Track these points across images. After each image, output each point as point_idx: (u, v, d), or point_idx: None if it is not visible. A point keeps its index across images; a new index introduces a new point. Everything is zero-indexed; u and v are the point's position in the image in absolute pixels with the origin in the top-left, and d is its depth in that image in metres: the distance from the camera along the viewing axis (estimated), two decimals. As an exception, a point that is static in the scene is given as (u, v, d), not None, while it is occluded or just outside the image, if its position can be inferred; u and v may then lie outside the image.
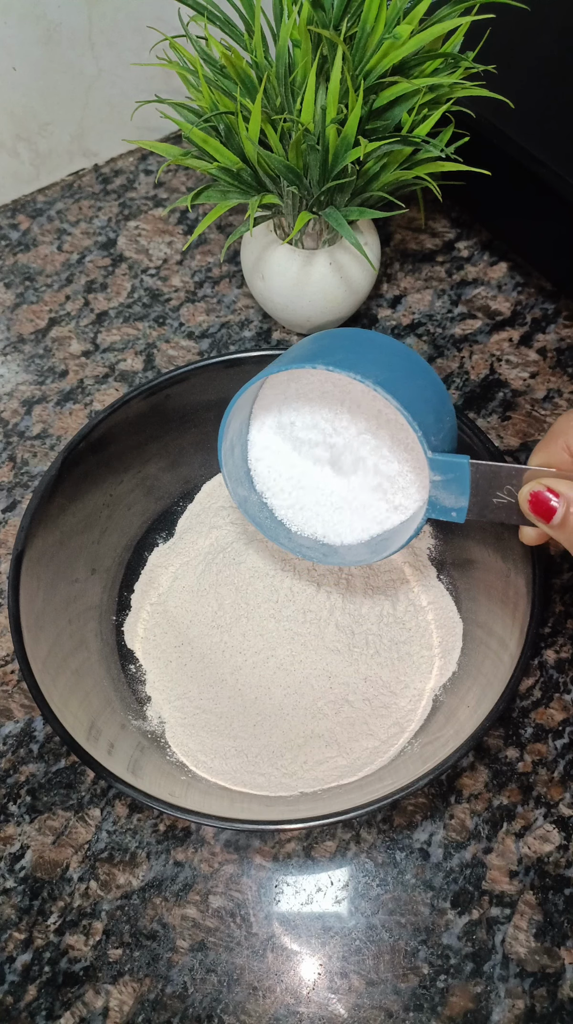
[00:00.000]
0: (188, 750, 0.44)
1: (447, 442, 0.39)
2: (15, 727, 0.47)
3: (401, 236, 0.63)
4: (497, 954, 0.41)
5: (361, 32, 0.42)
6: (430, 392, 0.39)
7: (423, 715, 0.44)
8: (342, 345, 0.39)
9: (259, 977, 0.40)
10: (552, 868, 0.42)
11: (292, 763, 0.43)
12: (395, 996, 0.40)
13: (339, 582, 0.47)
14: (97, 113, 0.65)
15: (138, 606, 0.48)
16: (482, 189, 0.54)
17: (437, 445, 0.38)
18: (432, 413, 0.38)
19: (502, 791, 0.44)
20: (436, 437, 0.38)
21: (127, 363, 0.59)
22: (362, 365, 0.37)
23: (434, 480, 0.37)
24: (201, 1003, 0.40)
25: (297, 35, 0.42)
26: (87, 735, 0.39)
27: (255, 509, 0.44)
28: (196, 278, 0.62)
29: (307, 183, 0.45)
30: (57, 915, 0.42)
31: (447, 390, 0.41)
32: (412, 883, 0.42)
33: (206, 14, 0.45)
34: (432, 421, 0.38)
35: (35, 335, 0.60)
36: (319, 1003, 0.40)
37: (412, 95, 0.43)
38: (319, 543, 0.44)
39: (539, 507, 0.32)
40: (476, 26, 0.47)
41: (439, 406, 0.39)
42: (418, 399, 0.37)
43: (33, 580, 0.43)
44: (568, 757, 0.45)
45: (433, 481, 0.37)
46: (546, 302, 0.60)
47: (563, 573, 0.50)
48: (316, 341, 0.41)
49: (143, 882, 0.43)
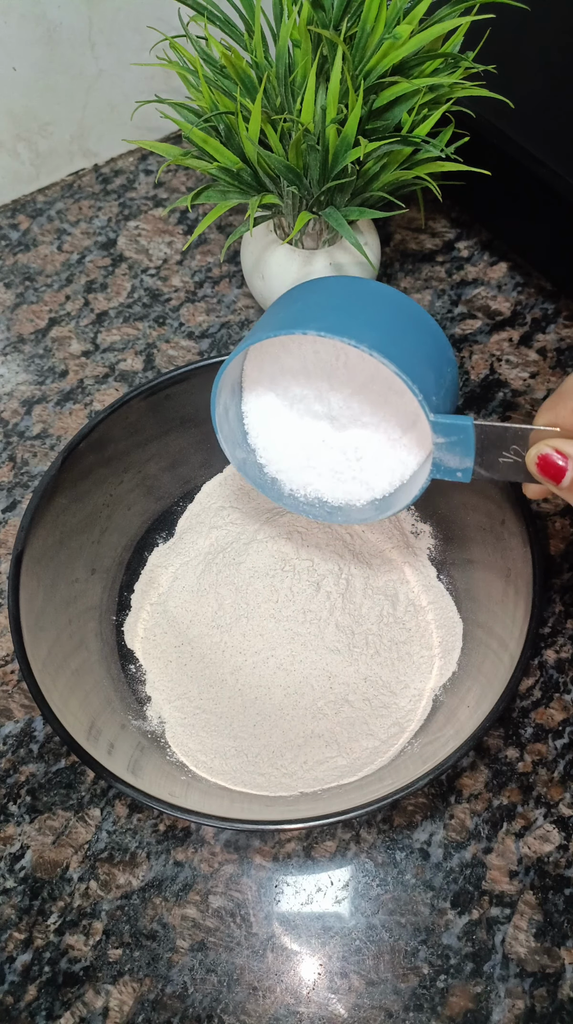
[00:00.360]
0: (188, 750, 0.44)
1: (449, 397, 0.37)
2: (15, 727, 0.47)
3: (401, 236, 0.63)
4: (497, 954, 0.41)
5: (361, 32, 0.42)
6: (429, 345, 0.37)
7: (423, 715, 0.44)
8: (332, 303, 0.37)
9: (259, 977, 0.40)
10: (552, 868, 0.42)
11: (292, 763, 0.43)
12: (395, 996, 0.40)
13: (339, 582, 0.47)
14: (97, 113, 0.65)
15: (138, 606, 0.48)
16: (482, 189, 0.54)
17: (438, 404, 0.36)
18: (432, 370, 0.36)
19: (502, 791, 0.44)
20: (437, 396, 0.36)
21: (127, 363, 0.59)
22: (355, 327, 0.35)
23: (437, 442, 0.36)
24: (201, 1003, 0.40)
25: (297, 35, 0.42)
26: (87, 735, 0.39)
27: (254, 471, 0.43)
28: (196, 278, 0.62)
29: (307, 183, 0.45)
30: (57, 915, 0.42)
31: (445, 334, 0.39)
32: (412, 883, 0.42)
33: (206, 14, 0.45)
34: (432, 379, 0.36)
35: (35, 335, 0.60)
36: (319, 1003, 0.40)
37: (412, 95, 0.43)
38: (322, 502, 0.42)
39: (548, 469, 0.32)
40: (476, 26, 0.47)
41: (439, 360, 0.37)
42: (416, 357, 0.36)
43: (33, 580, 0.43)
44: (568, 757, 0.45)
45: (436, 443, 0.36)
46: (546, 302, 0.60)
47: (563, 573, 0.50)
48: (304, 297, 0.38)
49: (143, 882, 0.43)
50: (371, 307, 0.37)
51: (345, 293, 0.38)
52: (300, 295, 0.38)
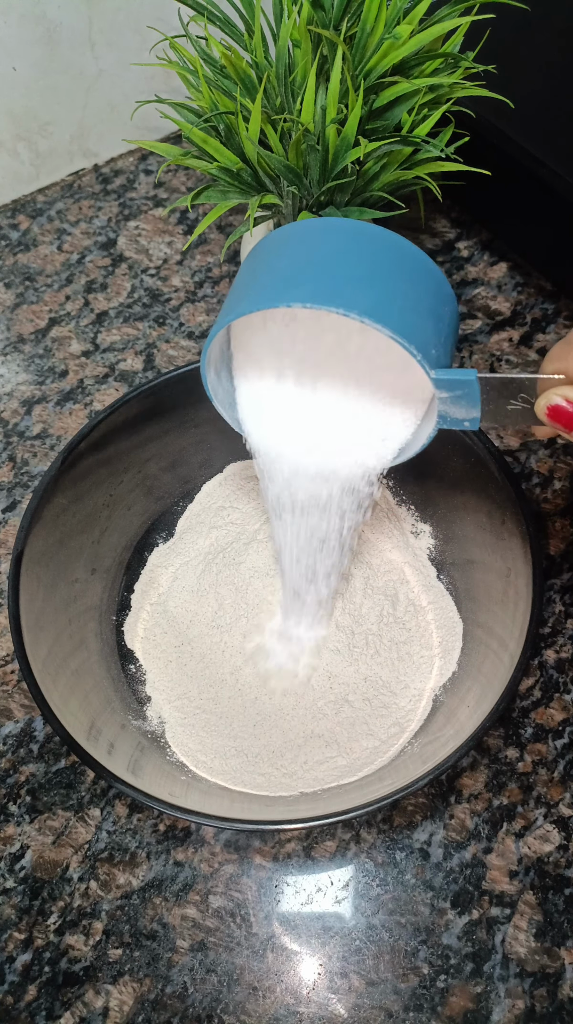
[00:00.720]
0: (188, 750, 0.44)
1: (451, 339, 0.35)
2: (15, 727, 0.47)
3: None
4: (497, 954, 0.41)
5: (361, 32, 0.42)
6: (423, 286, 0.34)
7: (423, 715, 0.44)
8: (314, 258, 0.34)
9: (259, 977, 0.40)
10: (552, 868, 0.42)
11: (292, 763, 0.43)
12: (395, 996, 0.40)
13: (339, 582, 0.47)
14: (97, 113, 0.65)
15: (138, 606, 0.48)
16: (482, 189, 0.54)
17: (440, 355, 0.34)
18: (430, 318, 0.34)
19: (502, 791, 0.44)
20: (437, 346, 0.34)
21: (127, 363, 0.59)
22: (343, 289, 0.32)
23: (441, 396, 0.34)
24: (201, 1003, 0.40)
25: (297, 35, 0.42)
26: (87, 735, 0.39)
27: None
28: (196, 278, 0.62)
29: (307, 183, 0.45)
30: (57, 915, 0.42)
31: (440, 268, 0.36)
32: (412, 883, 0.42)
33: (206, 14, 0.45)
34: (431, 328, 0.33)
35: (35, 335, 0.60)
36: (319, 1003, 0.40)
37: (412, 95, 0.43)
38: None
39: (559, 417, 0.32)
40: (476, 26, 0.47)
41: (435, 300, 0.34)
42: (413, 309, 0.33)
43: (33, 580, 0.43)
44: (568, 757, 0.45)
45: (440, 397, 0.34)
46: (546, 302, 0.60)
47: (563, 573, 0.50)
48: (280, 251, 0.35)
49: (143, 882, 0.43)
50: (354, 255, 0.34)
51: (325, 242, 0.34)
52: (276, 248, 0.35)
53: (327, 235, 0.35)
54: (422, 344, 0.33)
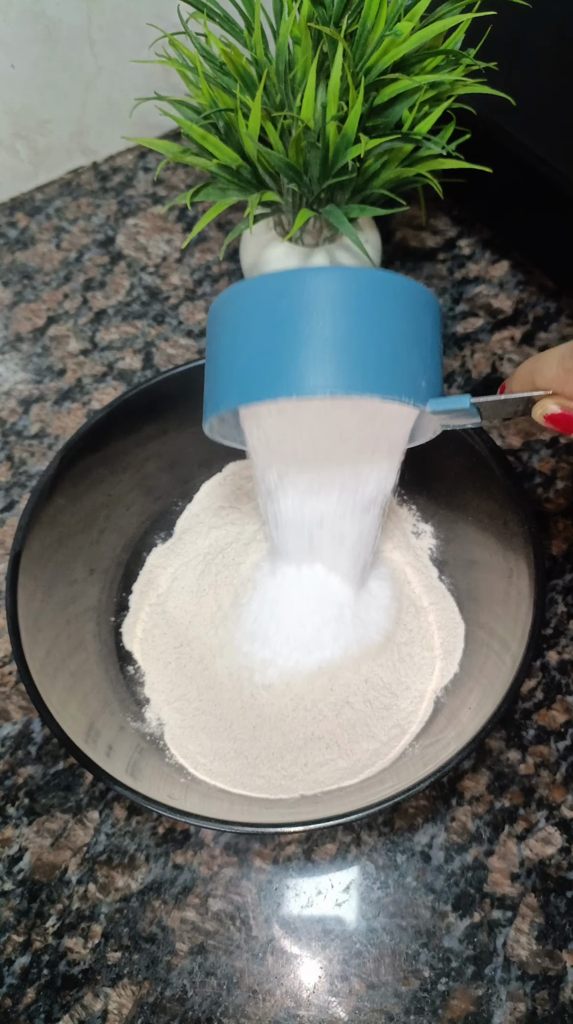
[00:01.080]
0: (187, 752, 0.43)
1: (437, 352, 0.34)
2: (13, 729, 0.46)
3: (402, 234, 0.63)
4: (498, 957, 0.40)
5: (362, 29, 0.42)
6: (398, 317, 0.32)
7: (424, 717, 0.44)
8: (278, 341, 0.32)
9: (259, 980, 0.40)
10: (554, 871, 0.42)
11: (292, 765, 0.43)
12: (396, 999, 0.40)
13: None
14: (96, 111, 0.65)
15: (137, 607, 0.48)
16: (484, 187, 0.54)
17: (430, 381, 0.33)
18: (413, 348, 0.33)
19: (504, 793, 0.44)
20: (426, 375, 0.33)
21: (126, 362, 0.58)
22: (312, 371, 0.31)
23: (441, 418, 0.34)
24: (200, 1006, 0.40)
25: (297, 32, 0.42)
26: (85, 737, 0.39)
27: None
28: (195, 276, 0.62)
29: (307, 180, 0.44)
30: (55, 918, 0.42)
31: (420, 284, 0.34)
32: (413, 886, 0.42)
33: (206, 11, 0.45)
34: (416, 360, 0.33)
35: (33, 333, 0.60)
36: (319, 1006, 0.40)
37: (413, 92, 0.43)
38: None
39: (558, 423, 0.33)
40: (477, 23, 0.47)
41: (414, 326, 0.33)
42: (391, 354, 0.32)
43: (31, 581, 0.42)
44: (570, 759, 0.45)
45: (439, 417, 0.34)
46: (548, 300, 0.59)
47: (565, 574, 0.50)
48: (248, 331, 0.33)
49: (142, 885, 0.42)
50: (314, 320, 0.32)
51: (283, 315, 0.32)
52: (241, 326, 0.33)
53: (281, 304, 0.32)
54: (410, 387, 0.32)
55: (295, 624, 0.44)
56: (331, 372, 0.31)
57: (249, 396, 0.32)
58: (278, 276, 0.33)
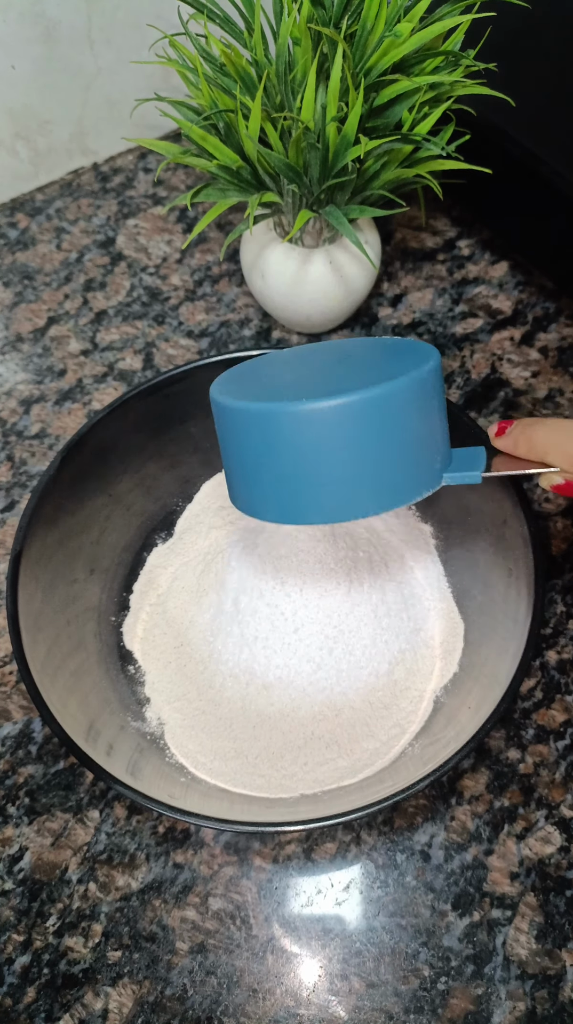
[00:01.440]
0: (187, 751, 0.43)
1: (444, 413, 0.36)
2: (13, 728, 0.46)
3: (402, 234, 0.63)
4: (498, 956, 0.40)
5: (361, 30, 0.42)
6: (413, 408, 0.34)
7: (424, 716, 0.44)
8: (307, 467, 0.34)
9: (259, 979, 0.40)
10: (553, 870, 0.42)
11: (292, 764, 0.43)
12: (396, 998, 0.40)
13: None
14: (96, 111, 0.65)
15: (137, 607, 0.48)
16: (483, 187, 0.54)
17: (442, 457, 0.36)
18: (430, 441, 0.35)
19: (503, 793, 0.44)
20: (440, 454, 0.36)
21: (126, 362, 0.58)
22: (348, 496, 0.34)
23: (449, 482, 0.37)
24: (201, 1005, 0.40)
25: (297, 33, 0.42)
26: (86, 736, 0.39)
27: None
28: (195, 277, 0.62)
29: (307, 181, 0.45)
30: (56, 917, 0.42)
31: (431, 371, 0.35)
32: (413, 885, 0.42)
33: (206, 12, 0.45)
34: (432, 450, 0.35)
35: (34, 334, 0.60)
36: (319, 1005, 0.40)
37: (413, 93, 0.43)
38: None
39: (564, 491, 0.37)
40: (477, 24, 0.47)
41: (429, 416, 0.35)
42: (413, 457, 0.34)
43: (32, 580, 0.42)
44: (569, 758, 0.45)
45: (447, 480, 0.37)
46: (547, 301, 0.59)
47: (564, 574, 0.50)
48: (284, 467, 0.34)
49: (142, 884, 0.42)
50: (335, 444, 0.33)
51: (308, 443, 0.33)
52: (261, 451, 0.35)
53: (302, 437, 0.33)
54: (429, 478, 0.35)
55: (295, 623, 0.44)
56: (361, 497, 0.34)
57: (285, 519, 0.35)
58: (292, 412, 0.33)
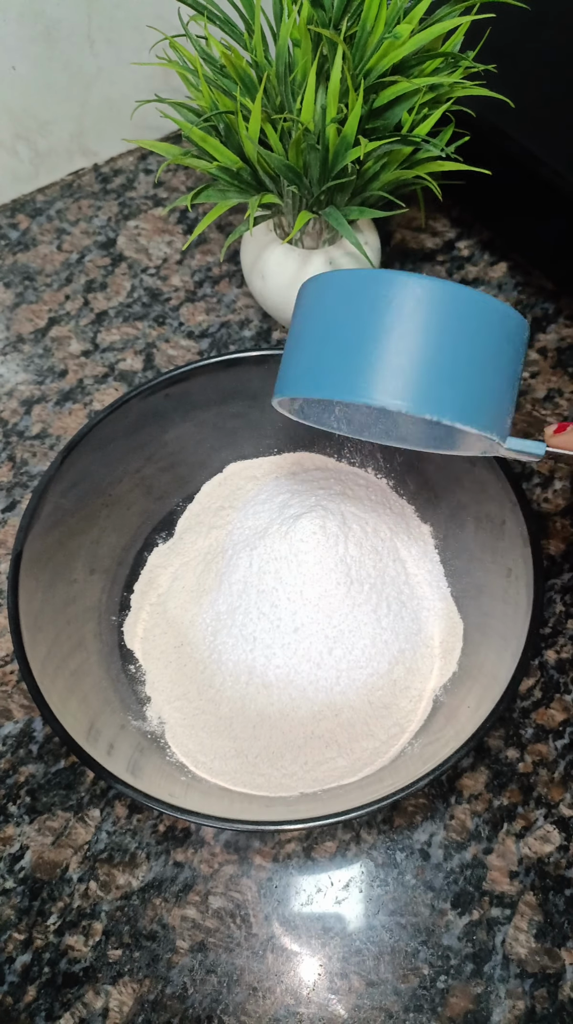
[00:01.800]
0: (188, 751, 0.44)
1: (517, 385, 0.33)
2: (14, 727, 0.47)
3: (401, 235, 0.63)
4: (497, 955, 0.41)
5: (361, 31, 0.42)
6: (509, 361, 0.32)
7: (423, 716, 0.44)
8: (391, 348, 0.31)
9: (259, 978, 0.40)
10: (552, 869, 0.42)
11: (292, 764, 0.43)
12: (395, 997, 0.40)
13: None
14: (97, 112, 0.65)
15: (137, 606, 0.48)
16: (482, 188, 0.54)
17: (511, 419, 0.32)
18: (510, 390, 0.32)
19: (502, 792, 0.44)
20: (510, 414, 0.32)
21: (127, 363, 0.59)
22: (432, 389, 0.30)
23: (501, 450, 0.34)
24: (201, 1004, 0.40)
25: (297, 34, 0.42)
26: (86, 735, 0.39)
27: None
28: (196, 277, 0.62)
29: (307, 182, 0.45)
30: (57, 916, 0.42)
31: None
32: (412, 884, 0.42)
33: (206, 13, 0.45)
34: (509, 400, 0.32)
35: (34, 335, 0.60)
36: (319, 1004, 0.40)
37: (412, 94, 0.43)
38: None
39: None
40: (476, 25, 0.47)
41: (516, 367, 0.32)
42: (492, 391, 0.31)
43: (32, 580, 0.43)
44: (569, 758, 0.45)
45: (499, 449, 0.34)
46: (546, 302, 0.59)
47: (563, 573, 0.50)
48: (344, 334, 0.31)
49: (143, 883, 0.43)
50: (431, 337, 0.31)
51: (398, 330, 0.31)
52: (337, 330, 0.32)
53: (397, 310, 0.31)
54: (501, 424, 0.32)
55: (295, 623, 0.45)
56: (436, 392, 0.30)
57: (342, 393, 0.31)
58: (397, 278, 0.31)
